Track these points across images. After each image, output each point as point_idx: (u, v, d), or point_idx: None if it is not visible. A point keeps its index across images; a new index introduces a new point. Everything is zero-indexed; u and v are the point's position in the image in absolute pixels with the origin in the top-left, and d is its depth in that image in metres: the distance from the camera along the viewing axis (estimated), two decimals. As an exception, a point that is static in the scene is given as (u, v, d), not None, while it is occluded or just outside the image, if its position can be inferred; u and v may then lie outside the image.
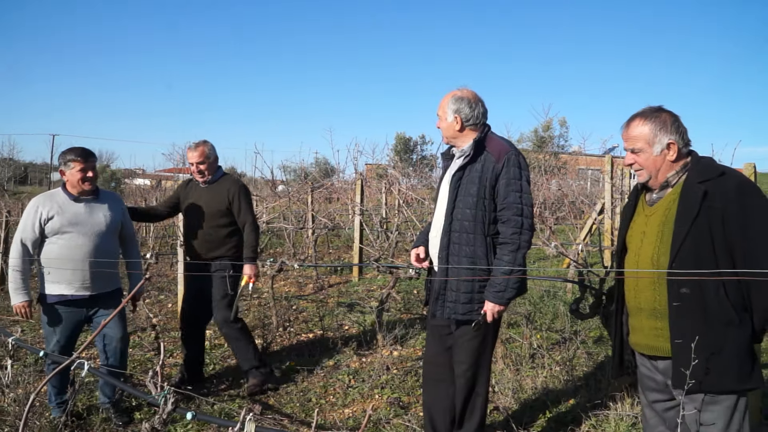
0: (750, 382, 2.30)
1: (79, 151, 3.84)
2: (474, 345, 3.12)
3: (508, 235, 2.97)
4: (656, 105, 2.48)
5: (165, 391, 2.16)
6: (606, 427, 3.74)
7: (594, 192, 18.05)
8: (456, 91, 3.15)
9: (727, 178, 2.30)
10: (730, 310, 2.25)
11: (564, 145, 30.87)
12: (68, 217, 3.81)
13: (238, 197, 4.57)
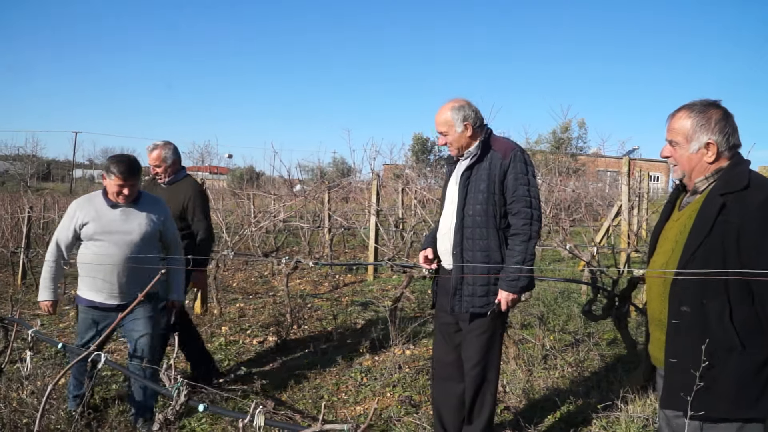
0: (752, 412, 2.14)
1: (122, 168, 3.70)
2: (483, 340, 3.21)
3: (519, 227, 3.12)
4: (712, 99, 2.30)
5: (178, 384, 2.22)
6: (617, 429, 3.73)
7: (612, 194, 17.93)
8: (451, 102, 3.27)
9: (752, 191, 2.10)
10: (733, 336, 2.10)
11: (583, 146, 30.68)
12: (102, 225, 3.74)
13: (192, 201, 4.48)
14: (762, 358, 2.12)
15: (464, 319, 3.23)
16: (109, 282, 3.72)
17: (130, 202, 3.79)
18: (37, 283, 8.83)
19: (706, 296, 2.13)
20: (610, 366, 4.90)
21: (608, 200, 14.54)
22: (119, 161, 3.73)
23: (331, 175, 18.15)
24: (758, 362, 2.12)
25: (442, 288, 3.35)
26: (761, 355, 2.12)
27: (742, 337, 2.10)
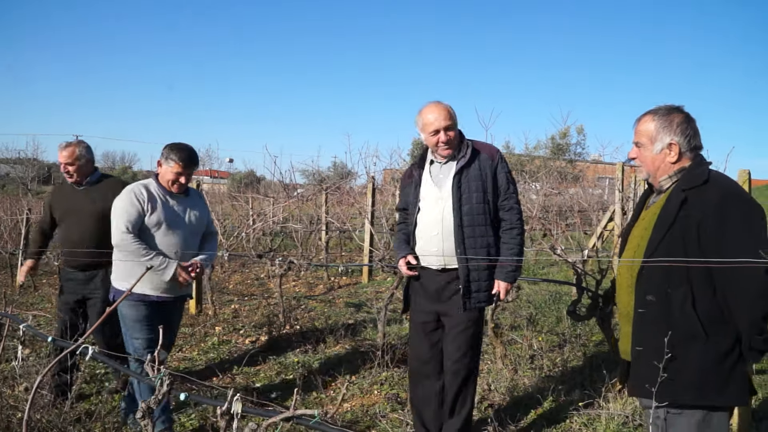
0: (717, 400, 2.21)
1: (183, 155, 3.61)
2: (470, 334, 3.35)
3: (514, 221, 3.35)
4: (675, 105, 2.44)
5: (161, 374, 2.29)
6: (597, 426, 3.81)
7: (610, 200, 18.01)
8: (444, 104, 3.34)
9: (710, 186, 2.22)
10: (696, 324, 2.18)
11: (581, 152, 30.75)
12: (165, 214, 3.62)
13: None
14: (725, 347, 2.20)
15: (457, 315, 3.32)
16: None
17: (182, 193, 3.74)
18: (35, 284, 8.95)
19: (670, 285, 2.23)
20: (594, 366, 4.97)
21: (605, 206, 14.60)
22: (180, 148, 3.64)
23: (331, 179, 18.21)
24: (721, 351, 2.20)
25: (424, 288, 3.43)
26: (724, 344, 2.20)
27: (705, 326, 2.18)
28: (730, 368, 2.20)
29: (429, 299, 3.41)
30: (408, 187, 3.56)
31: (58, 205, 4.35)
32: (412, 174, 3.56)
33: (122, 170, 42.56)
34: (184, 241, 3.69)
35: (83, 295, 4.26)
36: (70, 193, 4.28)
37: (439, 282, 3.36)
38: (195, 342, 5.94)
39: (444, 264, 3.32)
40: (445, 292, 3.35)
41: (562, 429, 3.85)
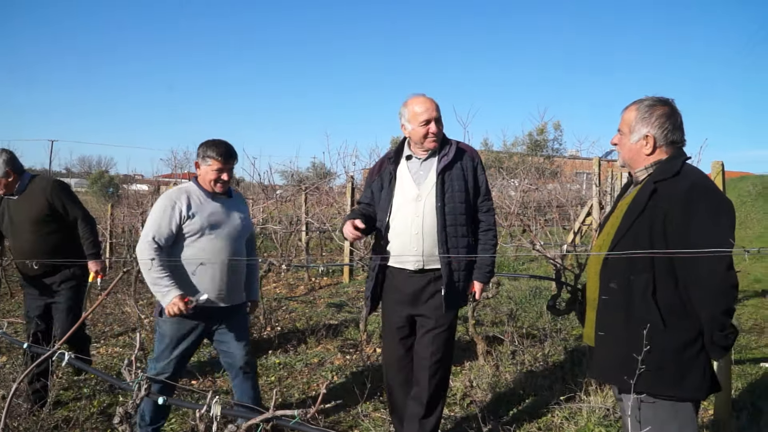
0: (674, 391, 2.21)
1: (221, 150, 3.34)
2: (448, 335, 3.28)
3: (491, 223, 3.34)
4: (665, 97, 2.43)
5: (139, 378, 2.27)
6: (578, 419, 3.84)
7: (588, 195, 18.19)
8: (428, 98, 3.22)
9: (680, 179, 2.24)
10: (655, 313, 2.19)
11: (558, 148, 31.04)
12: (208, 217, 3.35)
13: (58, 195, 4.20)
14: (684, 339, 2.19)
15: (436, 316, 3.21)
16: (219, 280, 3.34)
17: (224, 194, 3.46)
18: (11, 290, 8.79)
19: (633, 273, 2.25)
20: (575, 360, 5.02)
21: (583, 201, 14.74)
22: (216, 143, 3.37)
23: (310, 180, 18.14)
24: (679, 342, 2.20)
25: (398, 291, 3.28)
26: (683, 336, 2.19)
27: (664, 316, 2.20)
28: (689, 361, 2.19)
29: (404, 303, 3.27)
30: (377, 182, 3.37)
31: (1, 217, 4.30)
32: (382, 167, 3.38)
33: (99, 174, 41.91)
34: (230, 246, 3.40)
35: (45, 302, 4.25)
36: (8, 204, 4.24)
37: (416, 284, 3.23)
38: (175, 346, 5.87)
39: (422, 265, 3.20)
40: (423, 295, 3.23)
41: (544, 423, 3.87)
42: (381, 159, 3.50)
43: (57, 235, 4.21)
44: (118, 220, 13.82)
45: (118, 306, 7.97)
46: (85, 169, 56.20)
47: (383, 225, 3.27)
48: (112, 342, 6.17)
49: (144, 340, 5.87)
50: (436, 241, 3.17)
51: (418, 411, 3.27)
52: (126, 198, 21.31)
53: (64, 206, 4.23)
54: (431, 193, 3.20)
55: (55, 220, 4.20)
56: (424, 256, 3.18)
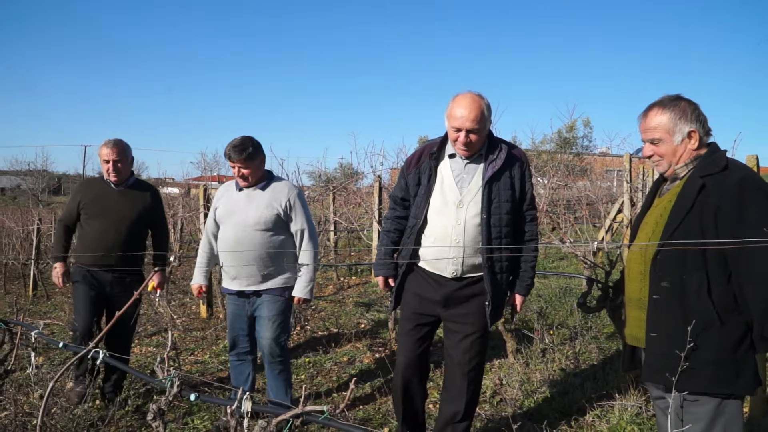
0: (731, 388, 2.19)
1: (229, 149, 3.65)
2: (482, 341, 3.18)
3: (534, 233, 3.17)
4: (674, 94, 2.39)
5: (171, 375, 2.31)
6: (610, 417, 3.79)
7: (618, 192, 17.91)
8: (479, 97, 2.99)
9: (729, 172, 2.21)
10: (711, 310, 2.17)
11: (588, 145, 30.63)
12: (227, 208, 3.78)
13: (158, 199, 4.46)
14: (737, 336, 2.18)
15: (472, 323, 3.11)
16: (230, 266, 3.74)
17: (256, 185, 3.75)
18: (47, 293, 9.04)
19: (685, 272, 2.20)
20: (607, 358, 4.95)
21: (613, 198, 14.53)
22: (232, 143, 3.67)
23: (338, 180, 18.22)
24: (734, 339, 2.18)
25: (429, 292, 3.14)
26: (736, 332, 2.18)
27: (720, 313, 2.17)
28: (742, 357, 2.19)
29: (435, 304, 3.13)
30: (414, 175, 3.16)
31: (91, 201, 4.22)
32: (421, 160, 3.15)
33: (131, 178, 42.67)
34: (236, 236, 3.69)
35: (106, 294, 4.21)
36: (106, 192, 4.23)
37: (450, 287, 3.08)
38: (207, 345, 5.97)
39: (461, 273, 3.05)
40: (458, 298, 3.09)
41: (576, 421, 3.82)
42: (420, 149, 3.23)
43: (141, 237, 4.35)
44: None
45: (151, 307, 8.12)
46: (118, 173, 57.16)
47: (417, 225, 3.09)
48: (145, 342, 6.29)
49: (176, 340, 5.99)
50: (478, 251, 3.01)
51: (454, 414, 3.19)
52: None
53: (157, 211, 4.43)
54: (475, 201, 3.00)
55: (146, 222, 4.35)
56: (464, 266, 3.03)
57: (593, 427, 3.72)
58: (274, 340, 3.73)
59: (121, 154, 4.19)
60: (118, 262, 4.14)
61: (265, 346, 3.76)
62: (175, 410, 4.10)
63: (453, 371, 3.19)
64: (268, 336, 3.73)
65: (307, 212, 3.83)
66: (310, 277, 3.78)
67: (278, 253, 3.68)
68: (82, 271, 4.19)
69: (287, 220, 3.75)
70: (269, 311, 3.74)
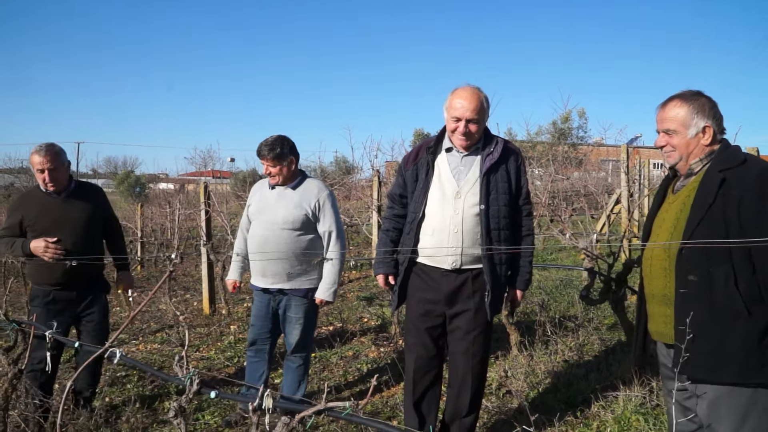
0: (758, 377, 2.21)
1: (260, 148, 3.76)
2: (486, 335, 3.24)
3: (530, 227, 3.24)
4: (695, 89, 2.44)
5: (191, 373, 2.35)
6: (615, 408, 3.85)
7: (614, 183, 18.01)
8: (478, 90, 3.07)
9: (749, 165, 2.25)
10: (739, 301, 2.19)
11: (583, 136, 30.66)
12: (258, 206, 3.90)
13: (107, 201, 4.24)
14: (764, 325, 2.21)
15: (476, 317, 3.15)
16: (258, 264, 3.83)
17: (286, 184, 3.84)
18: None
19: (712, 264, 2.24)
20: (609, 349, 5.02)
21: (609, 189, 14.61)
22: (265, 141, 3.77)
23: (333, 174, 18.23)
24: (761, 329, 2.21)
25: (432, 290, 3.17)
26: (764, 321, 2.22)
27: (747, 304, 2.20)
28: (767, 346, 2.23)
29: (439, 302, 3.17)
30: (412, 171, 3.22)
31: (36, 217, 3.83)
32: (419, 156, 3.22)
33: (125, 174, 42.59)
34: (265, 235, 3.79)
35: (74, 315, 3.94)
36: (50, 204, 3.84)
37: (452, 283, 3.12)
38: (211, 341, 6.02)
39: (460, 264, 3.10)
40: (461, 294, 3.13)
41: (581, 412, 3.89)
42: (418, 146, 3.30)
43: (98, 242, 4.07)
44: (147, 219, 14.07)
45: (153, 303, 8.15)
46: (111, 169, 57.07)
47: (416, 219, 3.14)
48: (150, 339, 6.33)
49: (181, 336, 6.03)
50: (476, 241, 3.06)
51: (461, 409, 3.25)
52: (156, 198, 21.62)
53: (107, 211, 4.17)
54: (472, 191, 3.07)
55: (99, 226, 4.06)
56: (463, 256, 3.08)
57: (599, 418, 3.78)
58: (299, 339, 3.87)
59: (55, 160, 3.74)
60: (82, 274, 3.83)
61: (290, 344, 3.90)
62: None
63: (457, 366, 3.25)
64: (294, 335, 3.87)
65: (336, 214, 3.89)
66: (333, 279, 3.84)
67: (305, 253, 3.75)
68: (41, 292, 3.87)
69: (315, 221, 3.81)
70: (296, 312, 3.86)
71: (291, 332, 3.87)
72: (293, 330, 3.86)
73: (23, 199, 4.03)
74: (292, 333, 3.87)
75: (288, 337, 3.92)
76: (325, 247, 3.84)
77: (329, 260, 3.82)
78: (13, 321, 3.38)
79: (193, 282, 9.67)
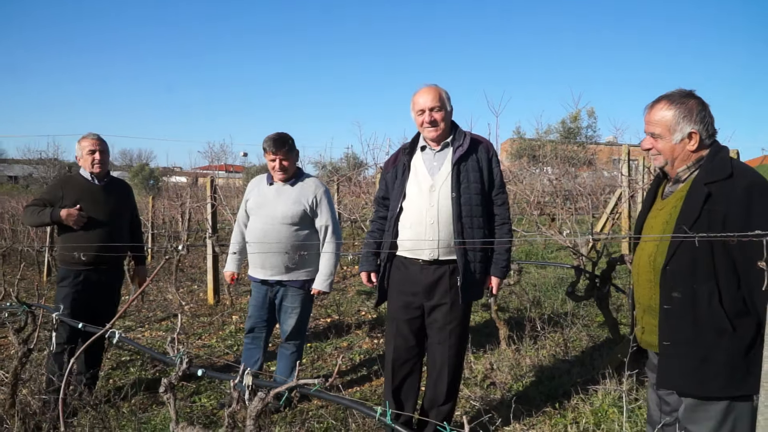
0: (741, 389, 2.21)
1: (270, 141, 3.92)
2: (464, 326, 3.40)
3: (506, 217, 3.37)
4: (687, 89, 2.35)
5: (180, 353, 2.55)
6: (594, 401, 4.01)
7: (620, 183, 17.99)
8: (436, 87, 3.26)
9: (736, 179, 2.17)
10: (723, 318, 2.17)
11: (593, 135, 30.62)
12: (256, 201, 4.05)
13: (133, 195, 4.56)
14: (749, 338, 2.19)
15: (453, 309, 3.28)
16: (256, 256, 4.00)
17: (287, 181, 4.02)
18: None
19: (696, 282, 2.22)
20: (596, 345, 5.17)
21: (615, 189, 14.66)
22: (268, 136, 3.95)
23: (344, 170, 18.38)
24: (746, 343, 2.19)
25: (411, 283, 3.32)
26: (748, 336, 2.19)
27: (732, 320, 2.18)
28: (754, 358, 2.17)
29: (418, 295, 3.32)
30: (392, 173, 3.42)
31: (78, 199, 4.06)
32: (397, 159, 3.42)
33: (140, 167, 43.14)
34: (264, 228, 3.96)
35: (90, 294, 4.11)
36: (91, 188, 4.12)
37: (430, 276, 3.26)
38: (213, 330, 6.23)
39: (437, 255, 3.23)
40: (439, 287, 3.27)
41: (560, 404, 4.04)
42: (396, 151, 3.52)
43: (126, 232, 4.30)
44: (159, 211, 14.35)
45: (160, 293, 8.40)
46: (126, 162, 57.67)
47: (394, 215, 3.31)
48: (155, 326, 6.56)
49: (185, 324, 6.25)
50: (452, 231, 3.20)
51: (438, 397, 3.40)
52: (166, 190, 21.94)
53: (135, 206, 4.55)
54: (446, 183, 3.22)
55: (128, 218, 4.39)
56: (439, 247, 3.21)
57: (577, 410, 3.94)
58: (294, 327, 4.09)
59: (104, 145, 4.16)
60: (108, 258, 4.08)
61: (285, 331, 4.12)
62: (183, 390, 4.37)
63: (435, 357, 3.41)
64: (289, 323, 4.09)
65: (332, 209, 4.10)
66: (330, 271, 4.05)
67: (302, 247, 3.96)
68: (72, 273, 4.06)
69: (313, 216, 4.03)
70: (292, 302, 4.07)
71: (286, 321, 4.10)
72: (288, 319, 4.08)
73: (66, 180, 4.24)
74: (287, 321, 4.09)
75: (283, 326, 4.13)
76: (321, 241, 4.06)
77: (326, 253, 4.03)
78: (24, 303, 3.61)
79: (200, 273, 9.91)
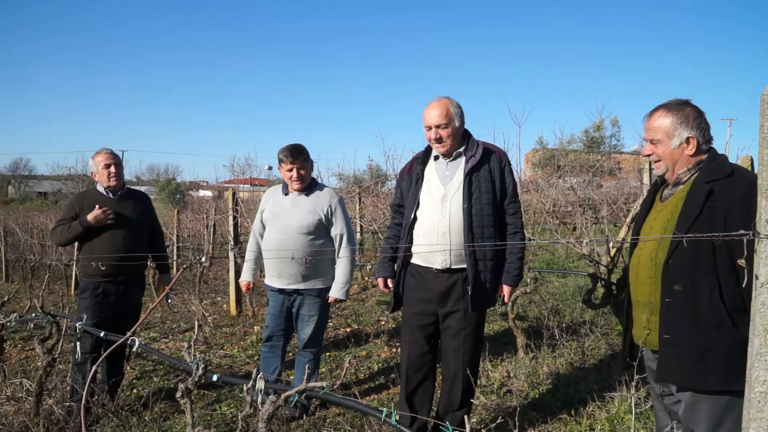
0: (739, 383, 2.17)
1: (287, 151, 4.00)
2: (475, 335, 3.43)
3: (518, 226, 3.40)
4: (683, 99, 2.47)
5: (197, 359, 2.64)
6: (610, 408, 4.00)
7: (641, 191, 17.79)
8: (445, 101, 3.30)
9: (736, 178, 2.25)
10: (723, 312, 2.23)
11: (617, 144, 30.34)
12: (272, 210, 4.10)
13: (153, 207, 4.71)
14: (747, 334, 2.20)
15: (466, 316, 3.33)
16: (273, 265, 4.06)
17: (302, 191, 4.09)
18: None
19: (697, 276, 2.28)
20: (614, 353, 5.14)
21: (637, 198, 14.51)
22: (285, 146, 4.04)
23: (367, 182, 18.50)
24: (745, 337, 2.21)
25: (425, 290, 3.39)
26: (747, 330, 2.21)
27: (731, 314, 2.23)
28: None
29: (431, 302, 3.39)
30: (406, 181, 3.50)
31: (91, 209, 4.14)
32: (412, 168, 3.50)
33: (166, 182, 43.86)
34: (281, 238, 4.02)
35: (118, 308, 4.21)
36: (107, 203, 4.22)
37: (443, 284, 3.33)
38: (235, 340, 6.33)
39: (450, 264, 3.30)
40: (452, 295, 3.33)
41: (576, 411, 4.04)
42: (411, 159, 3.60)
43: (146, 243, 4.41)
44: (183, 224, 14.59)
45: (184, 305, 8.55)
46: (153, 177, 58.70)
47: (408, 223, 3.39)
48: (179, 337, 6.69)
49: (207, 335, 6.37)
50: (463, 241, 3.25)
51: (453, 403, 3.45)
52: (191, 204, 22.29)
53: (154, 216, 4.68)
54: (458, 193, 3.28)
55: (146, 228, 4.49)
56: (451, 256, 3.27)
57: (593, 417, 3.94)
58: (311, 335, 4.15)
59: (118, 159, 4.35)
60: (127, 269, 4.18)
61: (302, 339, 4.18)
62: (204, 398, 4.46)
63: (449, 363, 3.46)
64: (307, 331, 4.15)
65: (346, 218, 4.18)
66: (346, 279, 4.13)
67: (317, 255, 4.03)
68: (92, 285, 4.17)
69: (328, 225, 4.10)
70: (309, 310, 4.13)
71: (303, 329, 4.16)
72: (305, 327, 4.15)
73: (82, 196, 4.41)
74: (304, 329, 4.16)
75: (300, 334, 4.19)
76: (336, 249, 4.13)
77: (342, 261, 4.11)
78: (48, 314, 3.74)
79: (223, 285, 10.07)
